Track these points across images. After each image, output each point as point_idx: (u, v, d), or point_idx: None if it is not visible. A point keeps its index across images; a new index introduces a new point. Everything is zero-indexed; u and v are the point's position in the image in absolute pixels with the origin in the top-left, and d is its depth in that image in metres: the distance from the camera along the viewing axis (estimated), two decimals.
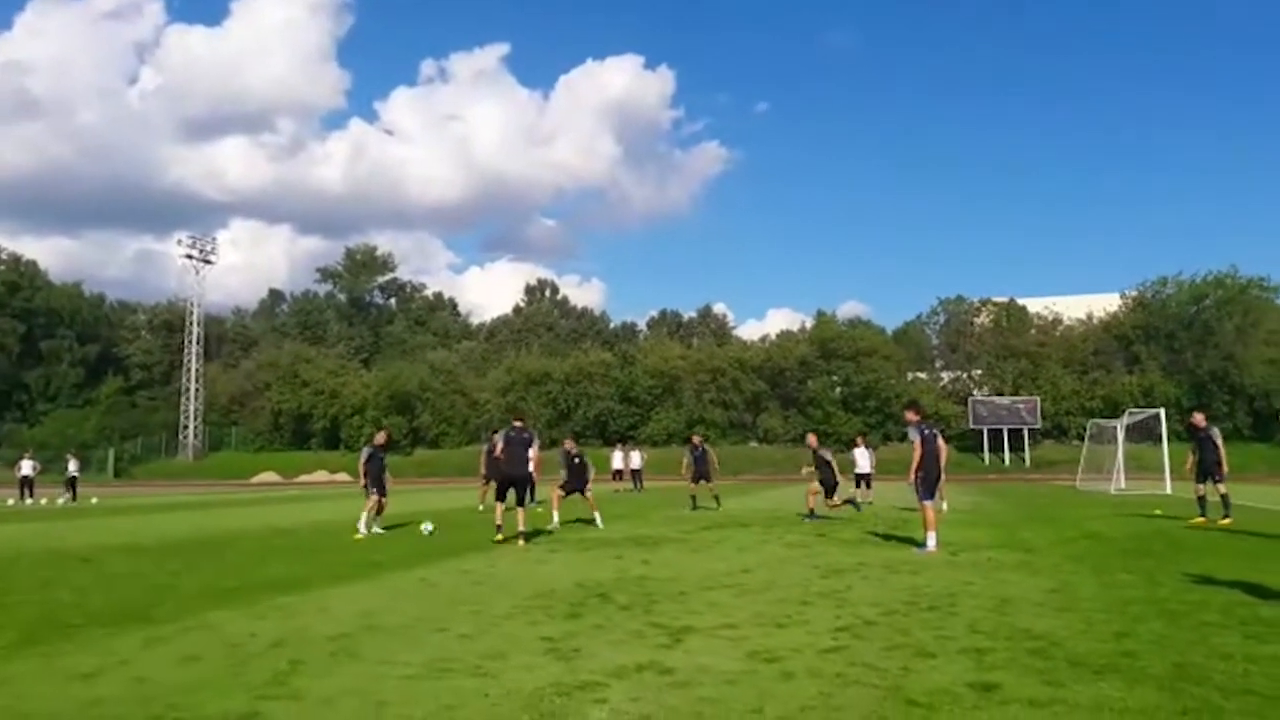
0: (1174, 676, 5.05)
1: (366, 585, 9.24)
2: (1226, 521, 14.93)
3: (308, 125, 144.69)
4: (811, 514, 17.61)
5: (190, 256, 77.28)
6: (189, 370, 75.13)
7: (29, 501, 30.25)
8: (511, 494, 13.51)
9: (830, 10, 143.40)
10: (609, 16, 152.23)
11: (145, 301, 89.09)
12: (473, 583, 9.27)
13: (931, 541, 11.69)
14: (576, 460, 17.07)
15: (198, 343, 75.70)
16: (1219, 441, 15.48)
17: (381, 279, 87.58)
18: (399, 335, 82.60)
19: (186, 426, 74.24)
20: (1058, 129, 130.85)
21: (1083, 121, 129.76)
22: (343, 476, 60.93)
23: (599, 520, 16.22)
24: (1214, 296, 59.86)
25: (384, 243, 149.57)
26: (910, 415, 12.48)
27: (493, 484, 19.47)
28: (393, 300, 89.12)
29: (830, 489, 17.40)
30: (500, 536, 13.12)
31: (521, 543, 12.87)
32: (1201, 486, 15.61)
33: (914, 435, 12.11)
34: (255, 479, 63.40)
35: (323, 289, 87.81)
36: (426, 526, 15.12)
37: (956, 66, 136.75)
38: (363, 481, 15.66)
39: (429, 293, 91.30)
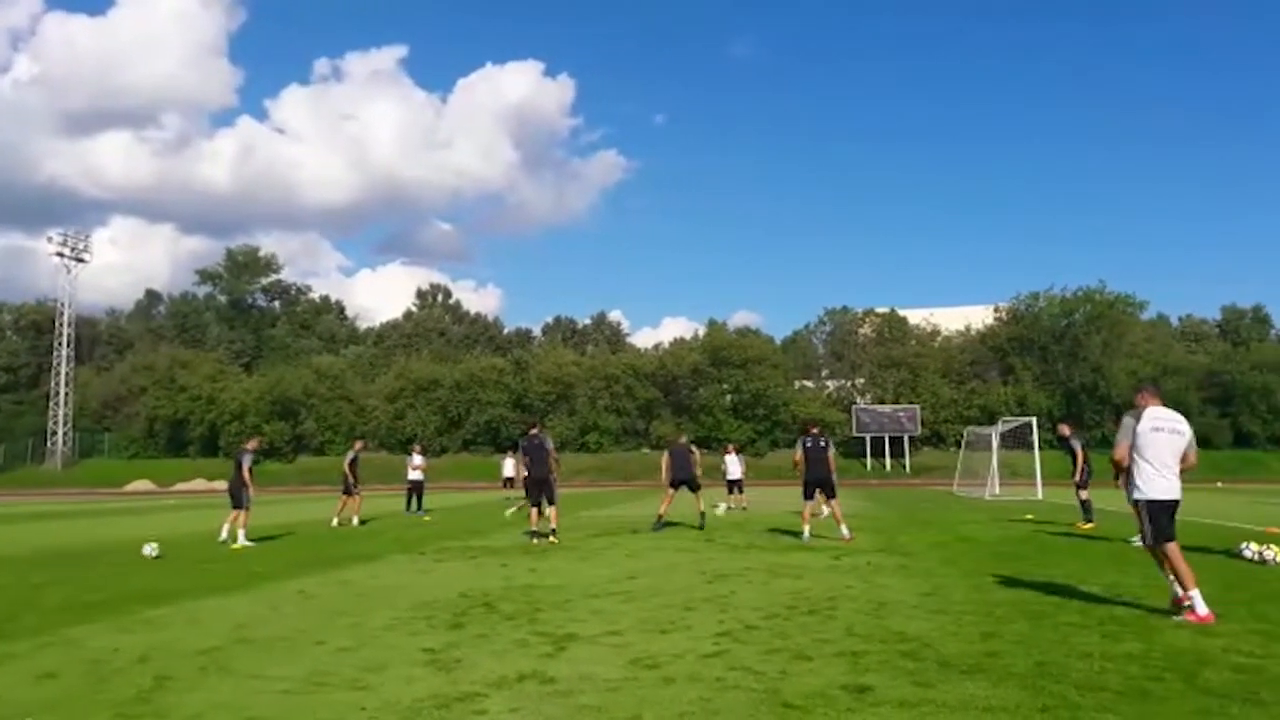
0: (1036, 675, 5.28)
1: (242, 597, 8.96)
2: (1089, 527, 15.67)
3: (195, 122, 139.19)
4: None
5: (61, 255, 73.52)
6: (58, 373, 71.44)
7: None
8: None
9: (731, 24, 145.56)
10: (509, 22, 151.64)
11: (14, 301, 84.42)
12: (354, 594, 9.07)
13: (806, 533, 13.89)
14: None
15: (68, 345, 72.12)
16: (1078, 450, 16.36)
17: (264, 280, 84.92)
18: (282, 339, 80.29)
19: (55, 432, 70.57)
20: (942, 142, 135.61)
21: (966, 136, 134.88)
22: (221, 485, 58.79)
23: None
24: (1083, 311, 62.89)
25: (272, 244, 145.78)
26: (811, 429, 14.58)
27: (355, 498, 19.26)
28: (276, 303, 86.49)
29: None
30: (536, 541, 13.98)
31: (535, 541, 13.98)
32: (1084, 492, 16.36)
33: (798, 446, 14.27)
34: (129, 487, 60.68)
35: (202, 291, 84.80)
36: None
37: (851, 82, 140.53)
38: (253, 490, 15.23)
39: (315, 295, 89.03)
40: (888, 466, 59.16)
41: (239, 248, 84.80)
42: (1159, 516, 7.22)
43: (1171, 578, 7.16)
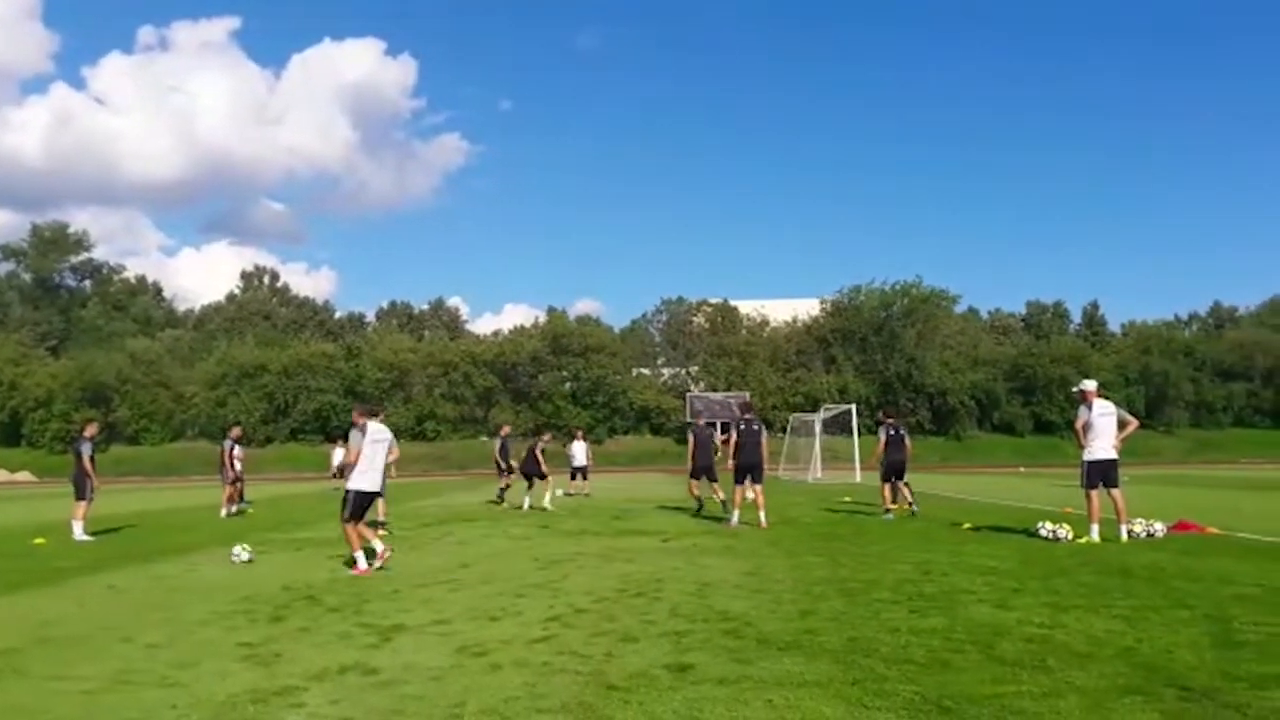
0: (848, 650, 5.56)
1: (43, 594, 8.44)
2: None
3: (4, 88, 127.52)
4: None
5: None
6: None
7: None
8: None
9: (578, 13, 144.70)
10: None
11: None
12: (167, 589, 8.66)
13: (734, 518, 13.98)
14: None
15: None
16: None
17: (74, 259, 79.37)
18: (93, 321, 75.24)
19: None
20: (776, 139, 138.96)
21: (799, 132, 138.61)
22: (24, 476, 55.02)
23: None
24: (900, 305, 66.18)
25: (88, 220, 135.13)
26: (745, 413, 14.89)
27: (231, 487, 18.94)
28: (87, 282, 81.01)
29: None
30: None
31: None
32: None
33: (731, 430, 14.64)
34: None
35: (4, 268, 78.57)
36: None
37: (692, 76, 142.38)
38: (95, 481, 14.37)
39: (129, 275, 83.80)
40: (717, 452, 60.55)
41: (46, 223, 79.15)
42: None
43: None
